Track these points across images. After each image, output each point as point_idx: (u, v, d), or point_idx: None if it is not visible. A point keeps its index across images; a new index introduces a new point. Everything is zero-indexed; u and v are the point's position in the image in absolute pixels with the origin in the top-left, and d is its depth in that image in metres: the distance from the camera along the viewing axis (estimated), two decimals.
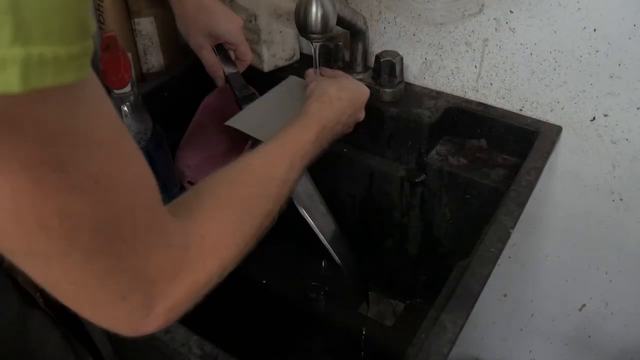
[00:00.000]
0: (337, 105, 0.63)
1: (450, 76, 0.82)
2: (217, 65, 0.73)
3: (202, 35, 0.70)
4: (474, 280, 0.54)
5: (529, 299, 0.98)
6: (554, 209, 0.84)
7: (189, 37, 0.71)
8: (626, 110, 0.70)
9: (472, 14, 0.74)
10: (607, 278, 0.86)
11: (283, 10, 0.84)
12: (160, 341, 0.52)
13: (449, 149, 0.81)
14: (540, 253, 0.91)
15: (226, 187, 0.46)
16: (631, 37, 0.65)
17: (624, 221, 0.79)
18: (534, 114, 0.78)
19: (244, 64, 0.76)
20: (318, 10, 0.65)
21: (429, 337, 0.49)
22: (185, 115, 0.87)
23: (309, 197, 0.76)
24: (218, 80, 0.74)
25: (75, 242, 0.30)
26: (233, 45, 0.74)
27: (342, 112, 0.63)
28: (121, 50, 0.70)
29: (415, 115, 0.78)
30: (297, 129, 0.57)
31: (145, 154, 0.81)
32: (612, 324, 0.91)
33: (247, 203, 0.46)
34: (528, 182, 0.67)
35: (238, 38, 0.73)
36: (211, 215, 0.41)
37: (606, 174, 0.76)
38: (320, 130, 0.59)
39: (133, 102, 0.72)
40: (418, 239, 0.88)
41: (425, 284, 0.93)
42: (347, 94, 0.65)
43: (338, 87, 0.65)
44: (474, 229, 0.78)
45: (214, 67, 0.73)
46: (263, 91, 0.82)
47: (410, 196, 0.83)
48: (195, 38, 0.70)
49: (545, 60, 0.73)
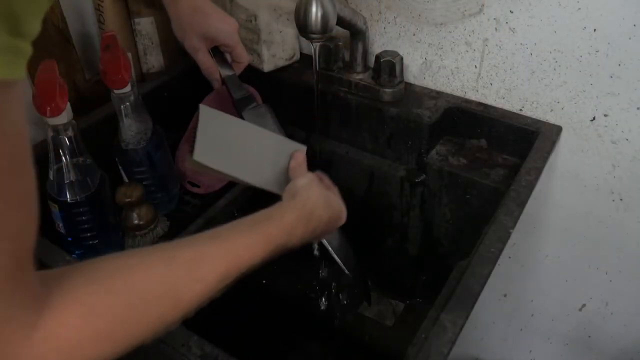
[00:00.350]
0: (314, 224, 0.54)
1: (450, 76, 0.82)
2: (213, 67, 0.73)
3: (198, 37, 0.69)
4: (474, 280, 0.54)
5: (529, 299, 0.98)
6: (554, 209, 0.84)
7: (185, 39, 0.70)
8: (626, 110, 0.70)
9: (472, 14, 0.74)
10: (607, 278, 0.86)
11: (283, 10, 0.84)
12: (160, 341, 0.52)
13: (449, 149, 0.81)
14: (540, 253, 0.91)
15: (127, 274, 0.37)
16: (631, 37, 0.65)
17: (624, 221, 0.79)
18: (534, 114, 0.78)
19: (240, 66, 0.76)
20: (318, 10, 0.65)
21: (429, 337, 0.49)
22: (185, 115, 0.87)
23: None
24: (214, 82, 0.74)
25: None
26: (229, 48, 0.73)
27: (313, 231, 0.54)
28: (121, 50, 0.70)
29: (415, 115, 0.78)
30: (255, 236, 0.47)
31: (145, 154, 0.82)
32: (612, 324, 0.91)
33: (142, 305, 0.37)
34: (528, 182, 0.67)
35: (234, 40, 0.72)
36: (87, 301, 0.33)
37: (606, 174, 0.76)
38: (282, 245, 0.50)
39: (133, 102, 0.72)
40: (418, 239, 0.88)
41: (425, 284, 0.93)
42: (329, 214, 0.56)
43: (325, 205, 0.56)
44: (474, 229, 0.78)
45: (210, 69, 0.72)
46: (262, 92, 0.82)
47: (410, 196, 0.83)
48: (190, 40, 0.70)
49: (545, 60, 0.73)
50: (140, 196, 0.71)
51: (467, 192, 0.77)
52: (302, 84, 0.86)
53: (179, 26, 0.70)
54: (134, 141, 0.75)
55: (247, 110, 0.73)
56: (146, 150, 0.76)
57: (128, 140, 0.75)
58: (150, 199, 0.76)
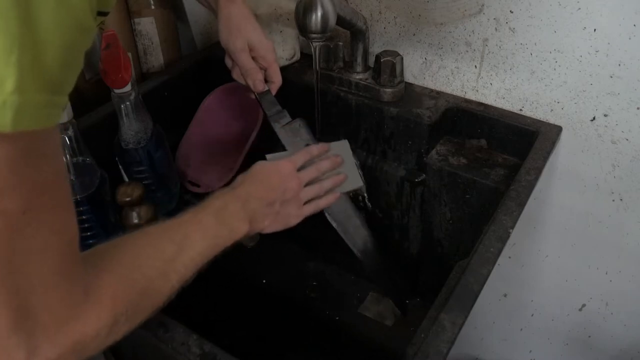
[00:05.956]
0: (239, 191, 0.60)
1: (450, 76, 0.82)
2: (255, 68, 0.73)
3: (243, 41, 0.71)
4: (474, 280, 0.54)
5: (529, 299, 0.98)
6: (554, 209, 0.84)
7: (231, 39, 0.71)
8: (626, 110, 0.70)
9: (472, 14, 0.74)
10: (607, 278, 0.86)
11: (283, 10, 0.84)
12: (159, 340, 0.52)
13: (449, 149, 0.81)
14: (540, 253, 0.91)
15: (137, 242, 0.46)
16: (631, 37, 0.65)
17: (624, 221, 0.79)
18: (534, 114, 0.78)
19: (273, 87, 0.76)
20: (318, 10, 0.65)
21: (428, 336, 0.49)
22: (185, 115, 0.87)
23: (343, 210, 0.75)
24: (258, 83, 0.72)
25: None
26: (265, 63, 0.74)
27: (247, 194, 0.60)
28: (121, 49, 0.70)
29: (415, 115, 0.78)
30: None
31: (145, 154, 0.82)
32: (612, 324, 0.91)
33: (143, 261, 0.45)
34: (528, 182, 0.67)
35: (271, 56, 0.74)
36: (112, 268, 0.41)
37: (606, 174, 0.76)
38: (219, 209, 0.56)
39: (133, 101, 0.72)
40: (418, 239, 0.88)
41: (425, 284, 0.93)
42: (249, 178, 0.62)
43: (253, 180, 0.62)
44: (474, 229, 0.78)
45: (252, 70, 0.72)
46: None
47: (410, 196, 0.83)
48: (236, 41, 0.71)
49: (545, 60, 0.73)
50: (140, 195, 0.71)
51: (467, 192, 0.77)
52: (303, 84, 0.86)
53: (226, 27, 0.72)
54: (134, 140, 0.75)
55: (281, 126, 0.73)
56: (146, 150, 0.76)
57: (128, 140, 0.75)
58: (150, 199, 0.76)
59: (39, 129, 0.30)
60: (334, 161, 0.71)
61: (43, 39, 0.29)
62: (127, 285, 0.42)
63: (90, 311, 0.37)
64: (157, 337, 0.52)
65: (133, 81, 0.72)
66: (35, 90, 0.29)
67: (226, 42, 0.72)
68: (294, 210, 0.65)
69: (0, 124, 0.28)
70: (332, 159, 0.71)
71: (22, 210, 0.31)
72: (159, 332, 0.52)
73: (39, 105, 0.29)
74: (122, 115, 0.73)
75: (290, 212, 0.65)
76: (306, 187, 0.67)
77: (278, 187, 0.63)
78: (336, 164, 0.72)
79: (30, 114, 0.29)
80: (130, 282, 0.42)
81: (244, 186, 0.61)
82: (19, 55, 0.28)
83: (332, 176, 0.71)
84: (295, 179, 0.65)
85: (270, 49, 0.73)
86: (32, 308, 0.34)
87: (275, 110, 0.74)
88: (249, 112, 0.88)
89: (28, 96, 0.28)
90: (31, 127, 0.29)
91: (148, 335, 0.53)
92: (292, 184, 0.64)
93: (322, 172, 0.69)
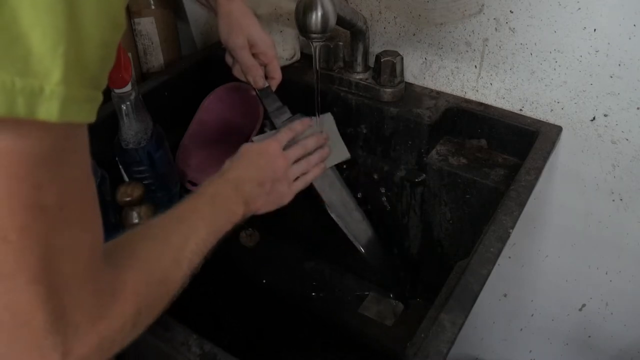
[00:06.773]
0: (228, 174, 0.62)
1: (450, 76, 0.82)
2: (256, 65, 0.73)
3: (243, 37, 0.71)
4: (474, 280, 0.54)
5: (529, 299, 0.98)
6: (554, 209, 0.84)
7: (231, 36, 0.72)
8: (626, 110, 0.70)
9: (472, 14, 0.74)
10: (607, 278, 0.86)
11: (283, 10, 0.84)
12: (159, 340, 0.52)
13: (449, 149, 0.81)
14: (540, 253, 0.91)
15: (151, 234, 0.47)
16: (631, 37, 0.65)
17: (624, 221, 0.79)
18: (534, 114, 0.78)
19: (273, 83, 0.76)
20: (318, 10, 0.65)
21: (428, 336, 0.49)
22: (185, 115, 0.87)
23: (344, 204, 0.76)
24: (258, 79, 0.73)
25: (23, 263, 0.31)
26: (266, 59, 0.74)
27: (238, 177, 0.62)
28: (122, 49, 0.70)
29: (415, 115, 0.78)
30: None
31: (145, 154, 0.82)
32: (612, 324, 0.91)
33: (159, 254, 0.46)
34: (528, 182, 0.67)
35: (272, 52, 0.74)
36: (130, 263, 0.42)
37: (606, 174, 0.76)
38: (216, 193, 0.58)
39: (133, 101, 0.72)
40: (418, 239, 0.88)
41: (425, 284, 0.93)
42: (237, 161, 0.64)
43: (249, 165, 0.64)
44: (474, 229, 0.78)
45: (253, 67, 0.73)
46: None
47: (410, 196, 0.83)
48: (236, 38, 0.72)
49: (545, 60, 0.73)
50: (140, 195, 0.71)
51: (467, 192, 0.77)
52: (303, 84, 0.86)
53: (226, 25, 0.72)
54: (134, 140, 0.75)
55: (282, 122, 0.75)
56: (146, 150, 0.76)
57: (128, 140, 0.75)
58: (150, 199, 0.76)
59: (82, 121, 0.30)
60: (319, 138, 0.73)
61: (85, 34, 0.29)
62: (146, 278, 0.42)
63: (117, 308, 0.38)
64: (157, 337, 0.52)
65: (133, 81, 0.72)
66: (79, 84, 0.29)
67: (226, 39, 0.72)
68: (285, 188, 0.67)
69: (48, 114, 0.28)
70: (317, 136, 0.73)
71: (60, 207, 0.31)
72: (159, 332, 0.52)
73: (82, 99, 0.30)
74: (122, 115, 0.73)
75: (282, 190, 0.66)
76: (294, 165, 0.68)
77: (267, 167, 0.64)
78: (321, 142, 0.73)
79: (75, 107, 0.29)
80: (148, 275, 0.43)
81: (233, 170, 0.62)
82: (65, 48, 0.28)
83: (319, 151, 0.72)
84: (282, 157, 0.67)
85: (270, 45, 0.73)
86: (67, 307, 0.34)
87: (276, 106, 0.75)
88: (249, 112, 0.88)
89: (73, 89, 0.29)
90: (76, 119, 0.30)
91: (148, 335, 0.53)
92: (280, 163, 0.66)
93: (308, 150, 0.71)
